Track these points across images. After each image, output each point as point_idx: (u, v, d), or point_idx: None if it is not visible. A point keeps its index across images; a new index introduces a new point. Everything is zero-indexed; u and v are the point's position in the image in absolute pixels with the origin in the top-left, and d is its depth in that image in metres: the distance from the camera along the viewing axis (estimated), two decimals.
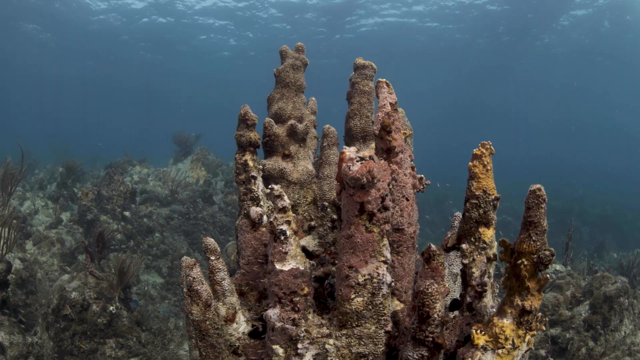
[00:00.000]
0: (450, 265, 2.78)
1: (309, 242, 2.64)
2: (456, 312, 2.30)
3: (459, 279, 2.72)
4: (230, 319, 2.33)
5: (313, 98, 3.15)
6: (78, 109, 67.46)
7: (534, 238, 1.87)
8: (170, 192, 13.42)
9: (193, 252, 11.54)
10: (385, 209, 1.87)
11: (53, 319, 6.41)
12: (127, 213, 11.65)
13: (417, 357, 1.76)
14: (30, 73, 46.01)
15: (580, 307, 7.04)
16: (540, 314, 1.99)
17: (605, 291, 6.92)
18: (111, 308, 6.41)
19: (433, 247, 1.73)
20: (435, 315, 1.67)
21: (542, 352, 6.77)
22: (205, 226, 12.22)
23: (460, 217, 2.58)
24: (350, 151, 1.82)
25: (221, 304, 2.30)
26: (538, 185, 1.86)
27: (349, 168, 1.76)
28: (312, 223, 2.70)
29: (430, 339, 1.70)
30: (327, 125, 2.84)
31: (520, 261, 1.89)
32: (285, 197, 2.00)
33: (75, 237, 10.62)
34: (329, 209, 2.69)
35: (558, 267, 8.82)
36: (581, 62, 39.59)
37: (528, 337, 1.97)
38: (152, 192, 13.27)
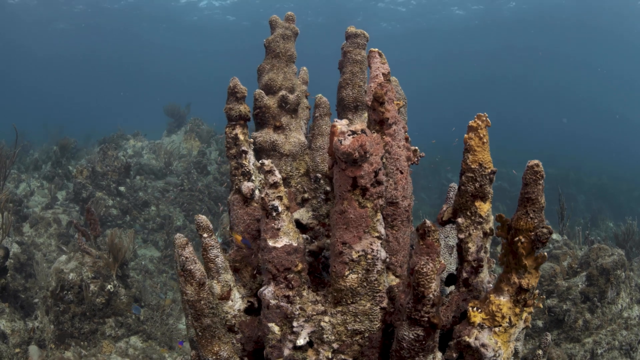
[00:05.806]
0: (446, 237, 2.74)
1: (303, 214, 2.59)
2: (452, 287, 2.26)
3: (455, 252, 2.68)
4: (225, 297, 2.30)
5: (304, 68, 3.07)
6: (70, 87, 66.99)
7: (531, 215, 1.82)
8: (164, 164, 13.34)
9: (189, 224, 11.52)
10: (379, 183, 1.81)
11: (52, 302, 6.38)
12: (122, 188, 11.59)
13: (412, 337, 1.72)
14: (20, 52, 45.48)
15: (577, 278, 7.01)
16: (537, 291, 1.94)
17: (602, 263, 6.87)
18: (109, 287, 6.38)
19: (428, 222, 1.67)
20: (431, 295, 1.63)
21: (540, 323, 6.79)
22: (200, 197, 12.16)
23: (456, 188, 2.52)
24: (341, 124, 1.75)
25: (215, 281, 2.27)
26: (536, 161, 1.80)
27: (341, 142, 1.70)
28: (306, 195, 2.65)
29: (426, 318, 1.66)
30: (319, 95, 2.77)
31: (517, 238, 1.84)
32: (277, 172, 1.94)
33: (72, 216, 10.58)
34: (322, 181, 2.63)
35: (554, 236, 8.79)
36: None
37: (525, 314, 1.93)
38: (147, 165, 13.19)
